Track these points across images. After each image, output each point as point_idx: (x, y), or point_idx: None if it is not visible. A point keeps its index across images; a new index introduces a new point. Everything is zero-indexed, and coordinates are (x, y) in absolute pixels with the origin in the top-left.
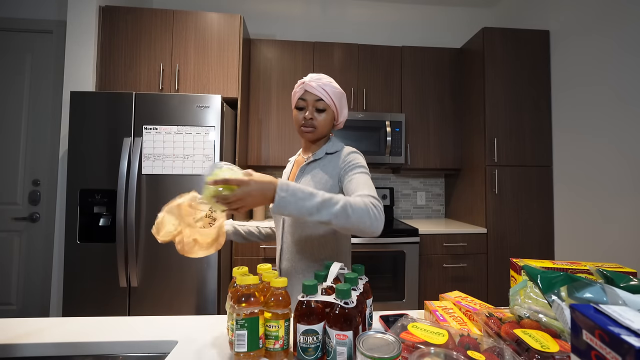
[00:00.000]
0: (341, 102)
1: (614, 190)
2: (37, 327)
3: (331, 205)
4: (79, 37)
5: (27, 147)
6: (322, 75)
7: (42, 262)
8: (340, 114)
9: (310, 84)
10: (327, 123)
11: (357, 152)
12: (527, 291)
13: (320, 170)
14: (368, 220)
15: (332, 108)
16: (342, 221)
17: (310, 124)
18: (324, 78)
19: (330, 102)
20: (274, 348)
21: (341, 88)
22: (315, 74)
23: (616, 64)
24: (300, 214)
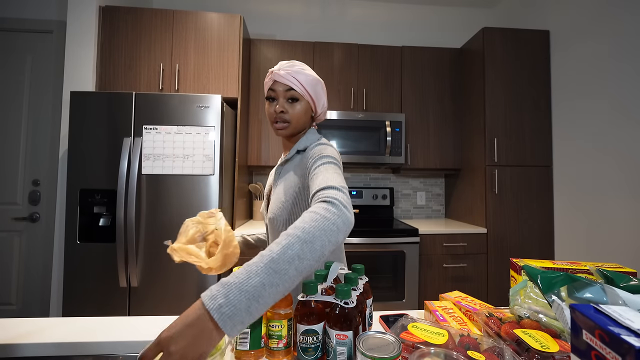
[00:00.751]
0: (316, 91)
1: (614, 190)
2: (37, 327)
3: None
4: (79, 37)
5: (27, 147)
6: (294, 62)
7: (42, 262)
8: (317, 104)
9: (279, 73)
10: (301, 115)
11: (323, 143)
12: (527, 291)
13: (291, 173)
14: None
15: (307, 98)
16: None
17: (282, 118)
18: (296, 65)
19: (303, 90)
20: (277, 347)
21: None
22: (286, 62)
23: (616, 63)
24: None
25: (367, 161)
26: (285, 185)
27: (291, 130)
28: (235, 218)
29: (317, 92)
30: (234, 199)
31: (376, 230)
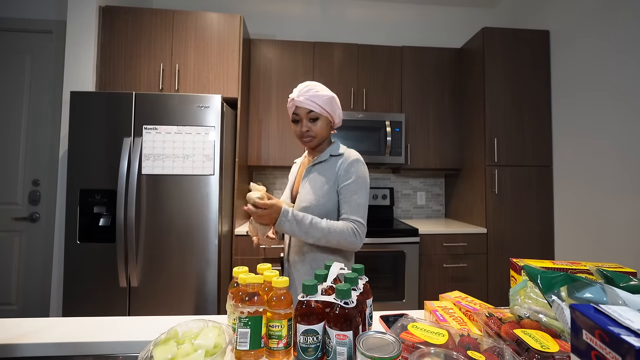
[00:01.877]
0: (332, 107)
1: (614, 190)
2: (37, 327)
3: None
4: (79, 37)
5: (27, 147)
6: (309, 85)
7: (42, 262)
8: (334, 117)
9: (298, 100)
10: (323, 129)
11: (359, 162)
12: (527, 291)
13: (319, 174)
14: (345, 242)
15: (325, 114)
16: (323, 242)
17: (308, 135)
18: (312, 89)
19: (321, 110)
20: (277, 347)
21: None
22: (303, 85)
23: (616, 63)
24: (294, 234)
25: (367, 161)
26: (313, 183)
27: (317, 142)
28: (235, 218)
29: (333, 108)
30: (234, 199)
31: (376, 230)
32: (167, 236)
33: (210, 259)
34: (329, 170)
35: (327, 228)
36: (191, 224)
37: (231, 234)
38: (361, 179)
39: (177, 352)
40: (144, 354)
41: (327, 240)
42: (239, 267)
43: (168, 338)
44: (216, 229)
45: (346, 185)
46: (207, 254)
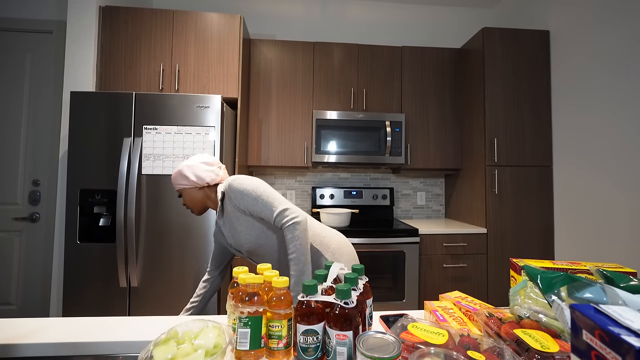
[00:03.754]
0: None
1: (614, 190)
2: (37, 327)
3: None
4: (79, 37)
5: (27, 147)
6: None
7: (42, 262)
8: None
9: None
10: (192, 198)
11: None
12: (527, 291)
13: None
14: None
15: (185, 187)
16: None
17: (186, 208)
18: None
19: (180, 186)
20: (277, 347)
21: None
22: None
23: (616, 63)
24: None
25: (367, 161)
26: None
27: (198, 209)
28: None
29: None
30: None
31: (376, 231)
32: (167, 236)
33: (210, 259)
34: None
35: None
36: (191, 224)
37: None
38: (245, 189)
39: (177, 352)
40: (144, 354)
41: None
42: (239, 267)
43: (168, 338)
44: None
45: (246, 204)
46: (207, 254)
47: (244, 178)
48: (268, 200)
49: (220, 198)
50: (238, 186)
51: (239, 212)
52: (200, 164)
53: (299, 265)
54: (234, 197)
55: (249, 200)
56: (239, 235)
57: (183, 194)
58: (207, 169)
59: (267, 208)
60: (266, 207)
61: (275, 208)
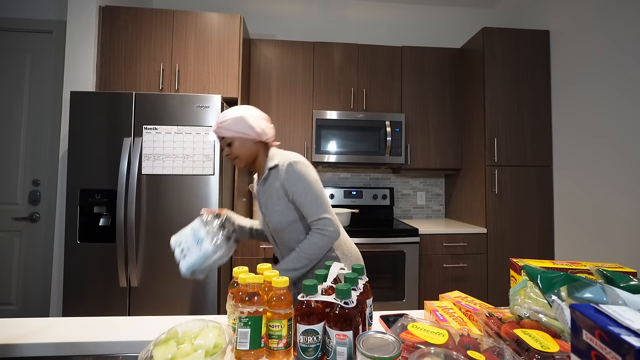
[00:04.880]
0: (242, 126)
1: (614, 190)
2: (37, 327)
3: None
4: (79, 37)
5: (27, 147)
6: (223, 115)
7: (42, 262)
8: (250, 134)
9: (213, 132)
10: (242, 149)
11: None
12: (527, 291)
13: (268, 192)
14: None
15: (237, 136)
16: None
17: (231, 158)
18: (221, 118)
19: (231, 133)
20: (277, 347)
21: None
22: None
23: (616, 63)
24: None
25: (367, 161)
26: (270, 201)
27: (245, 162)
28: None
29: (245, 126)
30: (234, 199)
31: (376, 230)
32: (167, 236)
33: None
34: (274, 185)
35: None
36: None
37: None
38: (303, 178)
39: (177, 352)
40: (144, 354)
41: (311, 259)
42: (239, 267)
43: (168, 338)
44: None
45: (295, 191)
46: None
47: (306, 165)
48: (317, 200)
49: (271, 167)
50: (299, 171)
51: (282, 192)
52: (262, 118)
53: (295, 263)
54: (288, 177)
55: (300, 189)
56: (272, 213)
57: (235, 143)
58: (269, 126)
59: (312, 207)
60: (312, 205)
61: (318, 212)
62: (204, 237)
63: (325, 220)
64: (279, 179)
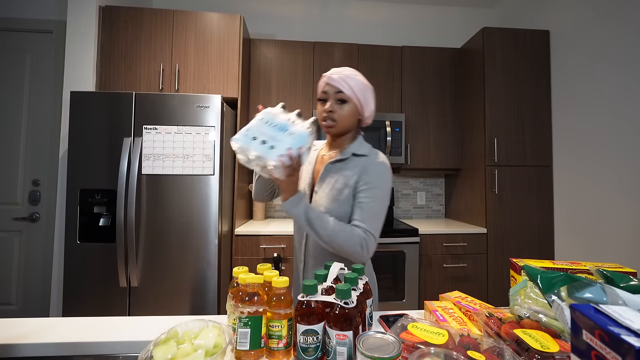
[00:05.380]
0: (365, 95)
1: (614, 190)
2: (37, 327)
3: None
4: (79, 37)
5: (27, 147)
6: (347, 68)
7: (42, 262)
8: (364, 108)
9: (332, 77)
10: (348, 116)
11: (386, 167)
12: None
13: (339, 175)
14: (349, 250)
15: (355, 101)
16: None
17: (331, 117)
18: (347, 70)
19: (352, 94)
20: (277, 347)
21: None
22: (342, 68)
23: (616, 63)
24: (297, 219)
25: None
26: (336, 186)
27: (338, 129)
28: (236, 218)
29: (365, 97)
30: (234, 199)
31: None
32: (167, 236)
33: (210, 259)
34: (349, 171)
35: (333, 228)
36: (191, 223)
37: (231, 234)
38: (383, 188)
39: (177, 352)
40: (144, 354)
41: (330, 240)
42: (239, 267)
43: (168, 338)
44: (216, 229)
45: (365, 190)
46: (207, 254)
47: (390, 172)
48: (378, 215)
49: (357, 153)
50: (384, 175)
51: (352, 182)
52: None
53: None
54: (368, 170)
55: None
56: (326, 195)
57: (349, 106)
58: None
59: (369, 216)
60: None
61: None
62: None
63: (372, 239)
64: (361, 170)
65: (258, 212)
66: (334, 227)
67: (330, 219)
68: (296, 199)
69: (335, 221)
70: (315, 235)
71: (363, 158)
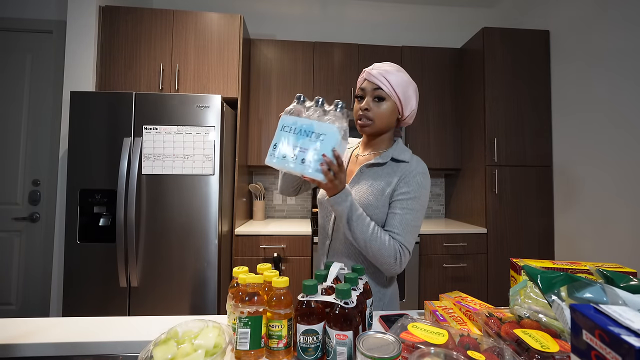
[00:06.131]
0: (406, 93)
1: (614, 190)
2: (37, 327)
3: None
4: (79, 37)
5: (27, 147)
6: (387, 63)
7: (42, 262)
8: (405, 107)
9: (371, 72)
10: (386, 115)
11: (424, 177)
12: (527, 291)
13: (375, 180)
14: (382, 259)
15: (394, 98)
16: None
17: (366, 116)
18: (387, 65)
19: (391, 91)
20: (277, 347)
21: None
22: (382, 63)
23: (616, 63)
24: (340, 218)
25: None
26: (372, 187)
27: (373, 129)
28: (236, 218)
29: (407, 94)
30: (234, 199)
31: None
32: (167, 236)
33: (210, 259)
34: (387, 178)
35: (372, 233)
36: (191, 223)
37: (231, 234)
38: (422, 200)
39: (177, 352)
40: (144, 354)
41: (366, 245)
42: (239, 267)
43: (168, 338)
44: (216, 229)
45: (403, 200)
46: (207, 254)
47: (429, 182)
48: (414, 227)
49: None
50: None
51: (389, 190)
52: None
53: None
54: (408, 179)
55: (408, 196)
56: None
57: (387, 104)
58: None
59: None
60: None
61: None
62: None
63: (407, 253)
64: (401, 177)
65: (258, 212)
66: (373, 231)
67: (371, 222)
68: (343, 195)
69: (375, 226)
70: (352, 236)
71: (403, 164)
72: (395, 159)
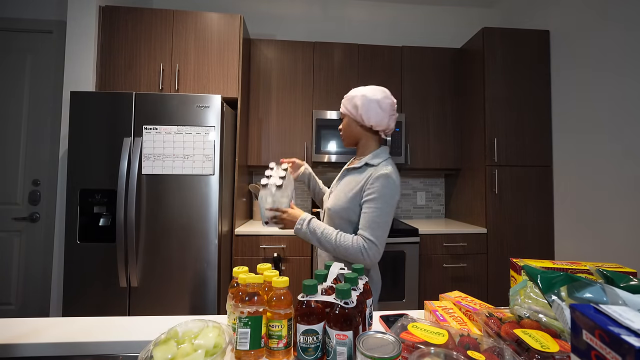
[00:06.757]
0: (365, 107)
1: (614, 190)
2: (37, 327)
3: (326, 243)
4: (79, 37)
5: (27, 147)
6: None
7: (42, 262)
8: (363, 118)
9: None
10: (346, 128)
11: (387, 178)
12: (527, 291)
13: (351, 180)
14: (352, 258)
15: (347, 113)
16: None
17: (341, 134)
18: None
19: (344, 109)
20: (277, 347)
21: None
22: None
23: (616, 63)
24: (307, 240)
25: None
26: (346, 188)
27: (348, 141)
28: (236, 218)
29: (365, 108)
30: (234, 199)
31: None
32: (167, 236)
33: (210, 259)
34: (359, 179)
35: (336, 241)
36: (191, 223)
37: (231, 234)
38: (383, 197)
39: (177, 352)
40: (144, 354)
41: (335, 251)
42: (239, 267)
43: (168, 338)
44: (216, 229)
45: (368, 200)
46: (207, 254)
47: (396, 187)
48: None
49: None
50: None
51: (359, 190)
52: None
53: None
54: (371, 180)
55: (371, 197)
56: (338, 199)
57: (344, 120)
58: (383, 114)
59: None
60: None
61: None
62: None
63: (373, 247)
64: (366, 179)
65: (258, 212)
66: (337, 239)
67: (333, 232)
68: (298, 224)
69: (338, 233)
70: (323, 249)
71: (371, 168)
72: (368, 164)
